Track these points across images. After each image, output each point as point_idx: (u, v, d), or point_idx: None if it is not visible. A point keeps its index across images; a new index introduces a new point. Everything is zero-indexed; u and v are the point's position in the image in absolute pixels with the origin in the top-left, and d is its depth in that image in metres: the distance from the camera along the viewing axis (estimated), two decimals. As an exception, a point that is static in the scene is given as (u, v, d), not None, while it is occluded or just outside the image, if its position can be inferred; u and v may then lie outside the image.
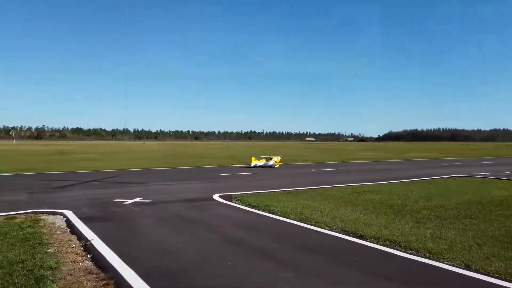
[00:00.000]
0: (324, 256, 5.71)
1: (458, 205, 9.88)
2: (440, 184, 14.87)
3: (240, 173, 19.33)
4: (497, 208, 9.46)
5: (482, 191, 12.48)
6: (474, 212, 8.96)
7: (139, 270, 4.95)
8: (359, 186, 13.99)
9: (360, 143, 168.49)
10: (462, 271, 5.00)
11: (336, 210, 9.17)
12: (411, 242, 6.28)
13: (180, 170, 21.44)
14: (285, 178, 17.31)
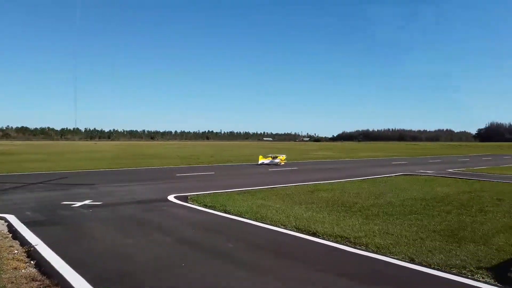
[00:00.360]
0: (277, 254, 5.80)
1: (404, 201, 10.44)
2: (389, 182, 15.62)
3: (197, 173, 19.13)
4: (439, 204, 10.10)
5: (426, 188, 13.27)
6: (418, 208, 9.49)
7: (87, 275, 4.75)
8: (313, 184, 14.35)
9: (316, 142, 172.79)
10: (407, 264, 5.29)
11: (290, 208, 9.35)
12: (361, 238, 6.55)
13: (134, 171, 20.81)
14: (242, 178, 17.37)
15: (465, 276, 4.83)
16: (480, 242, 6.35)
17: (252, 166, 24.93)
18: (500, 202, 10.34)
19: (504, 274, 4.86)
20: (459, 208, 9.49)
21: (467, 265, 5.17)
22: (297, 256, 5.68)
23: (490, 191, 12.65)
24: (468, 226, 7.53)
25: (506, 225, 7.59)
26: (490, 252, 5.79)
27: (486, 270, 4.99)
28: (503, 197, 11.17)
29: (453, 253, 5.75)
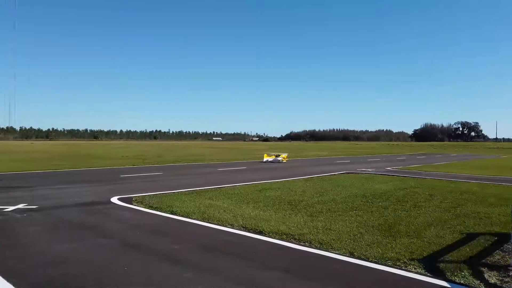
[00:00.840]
0: (224, 253, 5.83)
1: (346, 198, 10.94)
2: (333, 180, 16.25)
3: (143, 174, 18.57)
4: (377, 200, 10.71)
5: (366, 186, 14.00)
6: (359, 204, 10.00)
7: (20, 284, 4.46)
8: (261, 183, 14.56)
9: (265, 142, 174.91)
10: (347, 259, 5.57)
11: (238, 208, 9.41)
12: (305, 235, 6.77)
13: (75, 172, 19.74)
14: (190, 178, 17.15)
15: (399, 267, 5.18)
16: (413, 235, 6.83)
17: (200, 166, 24.70)
18: (432, 198, 11.19)
19: (433, 265, 5.28)
20: (396, 203, 10.13)
21: (401, 257, 5.54)
22: (243, 255, 5.74)
23: (423, 187, 13.64)
24: (403, 220, 8.07)
25: (436, 219, 8.22)
26: (422, 245, 6.25)
27: (418, 262, 5.38)
28: (434, 193, 12.10)
29: (389, 246, 6.13)
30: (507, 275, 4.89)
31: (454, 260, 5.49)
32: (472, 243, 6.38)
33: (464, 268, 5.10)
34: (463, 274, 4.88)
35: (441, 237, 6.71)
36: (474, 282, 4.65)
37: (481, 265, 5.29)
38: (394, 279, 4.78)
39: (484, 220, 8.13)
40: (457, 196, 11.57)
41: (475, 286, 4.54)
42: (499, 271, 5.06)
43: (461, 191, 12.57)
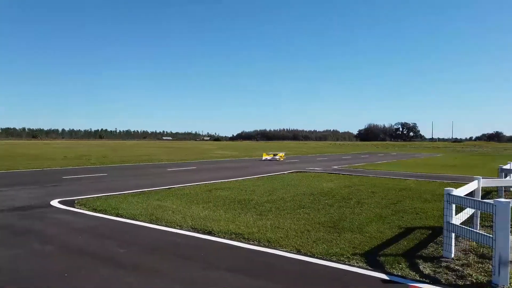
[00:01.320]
0: (171, 255, 5.73)
1: (295, 197, 11.21)
2: (282, 179, 16.57)
3: (87, 175, 17.70)
4: (324, 198, 11.09)
5: (314, 184, 14.44)
6: (307, 202, 10.29)
7: None
8: (211, 183, 14.48)
9: (216, 142, 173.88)
10: (294, 256, 5.71)
11: (188, 208, 9.30)
12: (254, 234, 6.85)
13: (10, 174, 18.36)
14: (138, 179, 16.62)
15: (342, 262, 5.41)
16: (356, 231, 7.16)
17: (149, 167, 24.01)
18: (373, 195, 11.80)
19: (373, 258, 5.58)
20: (341, 201, 10.56)
21: (344, 253, 5.79)
22: (191, 256, 5.69)
23: (366, 185, 14.35)
24: (347, 217, 8.43)
25: (377, 215, 8.69)
26: (364, 240, 6.57)
27: (360, 256, 5.66)
28: (376, 190, 12.78)
29: (334, 242, 6.39)
30: (440, 266, 5.29)
31: (393, 253, 5.84)
32: (409, 237, 6.82)
33: (402, 261, 5.44)
34: (401, 266, 5.21)
35: (381, 232, 7.10)
36: (410, 273, 4.98)
37: (417, 257, 5.67)
38: (337, 273, 4.99)
39: (420, 215, 8.72)
40: (397, 193, 12.31)
41: (411, 277, 4.85)
42: (432, 262, 5.46)
43: (400, 188, 13.39)
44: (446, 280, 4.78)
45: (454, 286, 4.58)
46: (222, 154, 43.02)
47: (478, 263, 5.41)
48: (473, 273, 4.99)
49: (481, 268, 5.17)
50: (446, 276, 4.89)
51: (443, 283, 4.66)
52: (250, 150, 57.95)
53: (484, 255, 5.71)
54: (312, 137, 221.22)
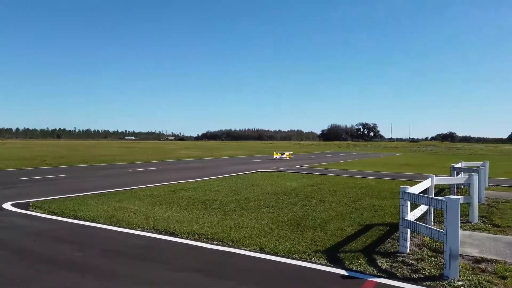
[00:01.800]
0: (132, 258, 5.61)
1: (259, 196, 11.29)
2: (247, 178, 16.63)
3: (43, 177, 16.90)
4: (287, 197, 11.25)
5: (278, 183, 14.61)
6: (271, 202, 10.39)
7: None
8: (175, 184, 14.28)
9: (181, 142, 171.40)
10: (257, 254, 5.76)
11: (150, 209, 9.12)
12: (217, 234, 6.84)
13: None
14: (98, 180, 16.08)
15: (304, 260, 5.52)
16: (318, 229, 7.33)
17: (110, 167, 23.29)
18: (335, 193, 12.11)
19: (334, 255, 5.74)
20: (304, 199, 10.76)
21: (306, 250, 5.91)
22: (153, 258, 5.59)
23: (328, 184, 14.70)
24: (310, 215, 8.60)
25: (338, 213, 8.93)
26: (325, 237, 6.73)
27: (321, 253, 5.80)
28: (337, 189, 13.13)
29: (296, 240, 6.50)
30: (396, 261, 5.52)
31: (352, 249, 6.03)
32: (368, 234, 7.07)
33: (361, 257, 5.63)
34: (360, 262, 5.39)
35: (342, 229, 7.31)
36: (368, 269, 5.16)
37: (375, 253, 5.89)
38: (299, 271, 5.08)
39: (378, 212, 9.05)
40: (357, 191, 12.71)
41: (369, 272, 5.04)
42: (389, 257, 5.69)
43: (360, 187, 13.83)
44: (401, 274, 5.00)
45: (409, 280, 4.79)
46: (186, 154, 42.50)
47: (431, 257, 5.70)
48: (426, 266, 5.25)
49: (434, 262, 5.45)
50: (401, 271, 5.12)
51: (399, 277, 4.88)
52: (215, 150, 57.68)
53: (437, 249, 6.02)
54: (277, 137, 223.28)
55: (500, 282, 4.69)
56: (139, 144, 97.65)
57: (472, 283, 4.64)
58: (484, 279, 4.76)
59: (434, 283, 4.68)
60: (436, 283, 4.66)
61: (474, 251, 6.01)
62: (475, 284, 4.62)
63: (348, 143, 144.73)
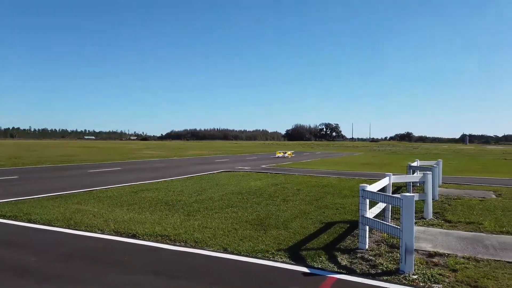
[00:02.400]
0: (91, 261, 5.42)
1: (223, 196, 11.26)
2: (211, 178, 16.53)
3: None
4: (252, 196, 11.30)
5: (243, 183, 14.63)
6: (235, 201, 10.40)
7: None
8: (137, 184, 13.94)
9: (143, 141, 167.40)
10: (221, 254, 5.75)
11: (110, 211, 8.85)
12: (181, 235, 6.76)
13: None
14: (55, 181, 15.39)
15: (267, 258, 5.57)
16: (282, 228, 7.42)
17: (68, 168, 22.34)
18: (299, 192, 12.32)
19: (297, 253, 5.83)
20: (268, 199, 10.85)
21: (269, 249, 5.97)
22: (114, 261, 5.44)
23: (292, 183, 14.91)
24: (273, 214, 8.69)
25: (301, 211, 9.08)
26: (288, 236, 6.83)
27: (284, 251, 5.88)
28: (301, 188, 13.35)
29: (260, 239, 6.55)
30: (356, 257, 5.70)
31: (314, 247, 6.16)
32: (329, 231, 7.25)
33: (322, 254, 5.77)
34: (321, 259, 5.52)
35: (305, 228, 7.45)
36: (329, 265, 5.30)
37: (336, 250, 6.05)
38: (262, 270, 5.13)
39: (340, 210, 9.30)
40: (319, 189, 12.99)
41: (329, 269, 5.17)
42: (349, 254, 5.87)
43: (322, 185, 14.14)
44: (360, 270, 5.17)
45: (367, 275, 4.97)
46: (150, 154, 41.60)
47: (388, 252, 5.93)
48: (383, 262, 5.46)
49: (391, 257, 5.67)
50: (360, 266, 5.29)
51: (358, 273, 5.04)
52: (179, 150, 56.88)
53: (393, 245, 6.27)
54: (242, 137, 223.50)
55: (451, 275, 4.96)
56: (99, 144, 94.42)
57: (426, 277, 4.88)
58: (437, 272, 5.01)
59: (391, 277, 4.88)
60: (393, 278, 4.86)
61: (428, 246, 6.32)
62: (428, 277, 4.86)
63: (311, 143, 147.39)
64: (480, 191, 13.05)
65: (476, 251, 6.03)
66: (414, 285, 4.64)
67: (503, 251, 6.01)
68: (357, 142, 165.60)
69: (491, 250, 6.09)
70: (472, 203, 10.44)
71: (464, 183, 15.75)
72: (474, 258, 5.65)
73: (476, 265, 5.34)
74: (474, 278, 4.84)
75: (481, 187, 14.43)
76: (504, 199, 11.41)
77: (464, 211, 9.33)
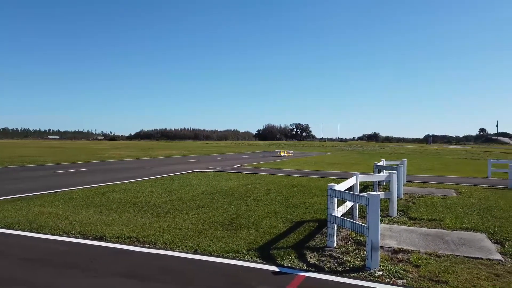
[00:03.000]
0: (54, 265, 5.25)
1: (194, 197, 11.18)
2: (182, 179, 16.36)
3: None
4: (223, 196, 11.28)
5: (213, 183, 14.58)
6: (206, 202, 10.35)
7: None
8: (105, 186, 13.59)
9: (111, 141, 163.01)
10: (191, 256, 5.72)
11: (76, 213, 8.59)
12: (150, 236, 6.66)
13: None
14: (16, 183, 14.73)
15: (238, 258, 5.59)
16: (252, 227, 7.46)
17: (31, 169, 21.42)
18: (269, 192, 12.41)
19: (267, 252, 5.89)
20: (239, 199, 10.87)
21: (240, 249, 6.00)
22: (79, 265, 5.29)
23: (262, 183, 15.01)
24: (244, 214, 8.72)
25: (271, 211, 9.16)
26: (259, 235, 6.88)
27: (254, 251, 5.92)
28: (271, 187, 13.46)
29: (230, 239, 6.56)
30: (324, 255, 5.82)
31: (284, 246, 6.24)
32: (299, 230, 7.36)
33: (292, 253, 5.85)
34: (290, 258, 5.60)
35: (275, 227, 7.53)
36: (298, 264, 5.39)
37: (305, 248, 6.16)
38: (232, 270, 5.14)
39: (309, 209, 9.45)
40: (289, 189, 13.15)
41: (299, 267, 5.26)
42: (318, 252, 5.99)
43: (292, 185, 14.33)
44: (328, 267, 5.29)
45: (335, 273, 5.09)
46: (118, 155, 40.59)
47: (355, 250, 6.10)
48: (351, 259, 5.61)
49: (358, 255, 5.84)
50: (329, 264, 5.42)
51: (326, 271, 5.16)
52: (149, 150, 55.83)
53: (360, 242, 6.46)
54: (214, 137, 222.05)
55: (414, 270, 5.17)
56: (65, 144, 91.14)
57: (391, 272, 5.06)
58: (401, 268, 5.21)
59: (358, 274, 5.03)
60: (359, 274, 5.01)
61: (393, 242, 6.55)
62: (393, 273, 5.04)
63: (282, 143, 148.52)
64: (442, 189, 13.64)
65: (437, 247, 6.31)
66: (380, 281, 4.80)
67: (462, 247, 6.32)
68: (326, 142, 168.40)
69: (451, 246, 6.39)
70: (434, 201, 10.90)
71: (427, 181, 16.41)
72: (436, 254, 5.91)
73: (438, 261, 5.59)
74: (435, 273, 5.06)
75: (443, 185, 15.09)
76: (464, 197, 11.99)
77: (427, 208, 9.73)
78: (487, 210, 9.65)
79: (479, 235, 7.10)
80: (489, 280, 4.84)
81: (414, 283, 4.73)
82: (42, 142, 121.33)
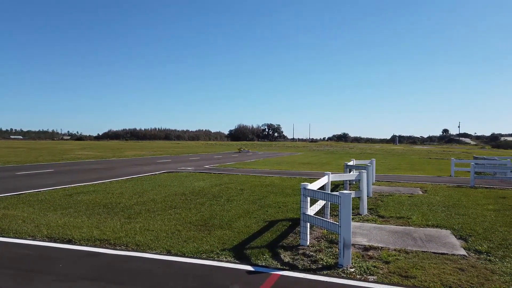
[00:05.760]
0: (20, 270, 5.03)
1: (166, 197, 11.03)
2: (153, 179, 16.08)
3: None
4: (195, 197, 11.19)
5: (186, 184, 14.43)
6: (178, 202, 10.23)
7: None
8: (72, 187, 13.15)
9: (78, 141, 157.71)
10: (164, 257, 5.64)
11: (42, 216, 8.27)
12: (121, 238, 6.51)
13: None
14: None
15: (212, 259, 5.57)
16: (226, 227, 7.45)
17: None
18: (242, 192, 12.42)
19: (241, 252, 5.90)
20: (212, 199, 10.82)
21: (214, 249, 5.97)
22: (46, 269, 5.10)
23: (235, 183, 15.00)
24: (218, 214, 8.69)
25: (245, 211, 9.18)
26: (233, 235, 6.88)
27: (229, 251, 5.91)
28: (244, 187, 13.48)
29: (204, 240, 6.52)
30: (298, 253, 5.90)
31: (258, 245, 6.27)
32: (272, 229, 7.41)
33: (266, 252, 5.89)
34: (265, 257, 5.64)
35: (249, 227, 7.55)
36: (272, 263, 5.43)
37: (279, 247, 6.22)
38: (206, 270, 5.11)
39: (282, 209, 9.54)
40: (262, 189, 13.21)
41: (273, 266, 5.30)
42: (292, 250, 6.06)
43: (265, 185, 14.40)
44: (302, 265, 5.36)
45: (309, 270, 5.17)
46: (85, 155, 39.35)
47: (328, 248, 6.22)
48: (324, 257, 5.72)
49: (330, 252, 5.96)
50: (302, 262, 5.49)
51: (300, 269, 5.23)
52: (118, 150, 54.48)
53: (333, 240, 6.59)
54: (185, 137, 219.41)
55: (384, 267, 5.34)
56: (29, 144, 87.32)
57: (362, 269, 5.19)
58: (372, 265, 5.36)
59: (330, 271, 5.13)
60: (332, 272, 5.11)
61: (363, 240, 6.73)
62: (364, 269, 5.18)
63: (254, 143, 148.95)
64: (408, 188, 14.12)
65: (406, 243, 6.53)
66: (352, 278, 4.92)
67: (429, 243, 6.58)
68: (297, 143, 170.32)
69: (419, 242, 6.64)
70: (402, 199, 11.28)
71: (394, 180, 16.94)
72: (404, 250, 6.12)
73: (406, 257, 5.79)
74: (404, 268, 5.24)
75: (409, 184, 15.63)
76: (429, 195, 12.47)
77: (395, 206, 10.05)
78: (451, 207, 10.09)
79: (444, 231, 7.41)
80: (454, 274, 5.06)
81: (385, 279, 4.88)
82: (4, 142, 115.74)
